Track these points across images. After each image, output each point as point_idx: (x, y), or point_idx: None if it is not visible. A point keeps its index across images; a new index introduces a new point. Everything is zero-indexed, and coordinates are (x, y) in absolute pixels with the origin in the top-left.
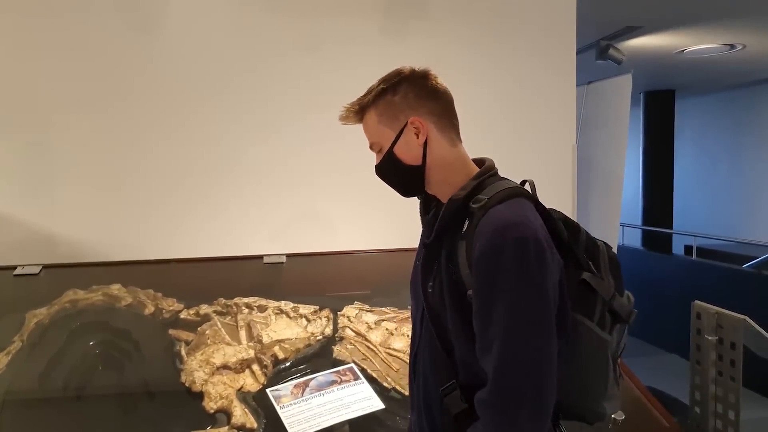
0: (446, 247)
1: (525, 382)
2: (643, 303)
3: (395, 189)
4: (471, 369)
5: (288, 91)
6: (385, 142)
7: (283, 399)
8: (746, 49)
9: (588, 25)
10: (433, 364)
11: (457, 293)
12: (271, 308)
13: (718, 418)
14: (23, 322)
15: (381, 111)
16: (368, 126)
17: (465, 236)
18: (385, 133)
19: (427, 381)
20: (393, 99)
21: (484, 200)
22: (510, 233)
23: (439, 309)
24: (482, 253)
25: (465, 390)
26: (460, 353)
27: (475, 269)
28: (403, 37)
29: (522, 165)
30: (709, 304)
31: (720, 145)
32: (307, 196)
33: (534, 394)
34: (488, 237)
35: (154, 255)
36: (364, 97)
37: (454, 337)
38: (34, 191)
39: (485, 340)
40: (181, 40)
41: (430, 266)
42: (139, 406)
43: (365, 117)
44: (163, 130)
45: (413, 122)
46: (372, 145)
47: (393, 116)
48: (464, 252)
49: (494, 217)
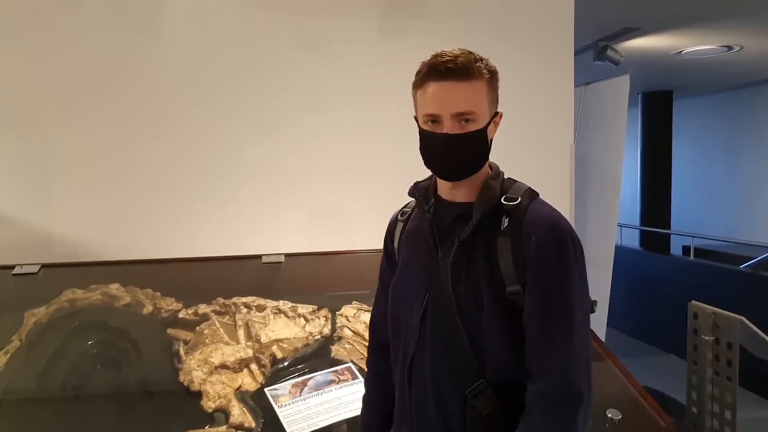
0: (481, 244)
1: (586, 375)
2: (640, 303)
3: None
4: (501, 365)
5: (287, 90)
6: (482, 117)
7: (282, 398)
8: (744, 50)
9: (586, 25)
10: (453, 368)
11: (495, 289)
12: (269, 308)
13: (715, 418)
14: (22, 321)
15: (491, 89)
16: (473, 91)
17: (506, 233)
18: (487, 110)
19: (439, 388)
20: (497, 85)
21: (518, 199)
22: (562, 229)
23: (471, 308)
24: (542, 249)
25: (494, 388)
26: (494, 351)
27: (535, 265)
28: (402, 37)
29: (520, 165)
30: (705, 304)
31: (718, 146)
32: (305, 196)
33: (589, 387)
34: (546, 233)
35: (153, 254)
36: (475, 61)
37: (490, 335)
38: (33, 191)
39: (547, 334)
40: (180, 39)
41: (459, 265)
42: (137, 405)
43: (473, 81)
44: (162, 129)
45: (500, 116)
46: (465, 113)
47: (495, 99)
48: (508, 249)
49: (540, 214)
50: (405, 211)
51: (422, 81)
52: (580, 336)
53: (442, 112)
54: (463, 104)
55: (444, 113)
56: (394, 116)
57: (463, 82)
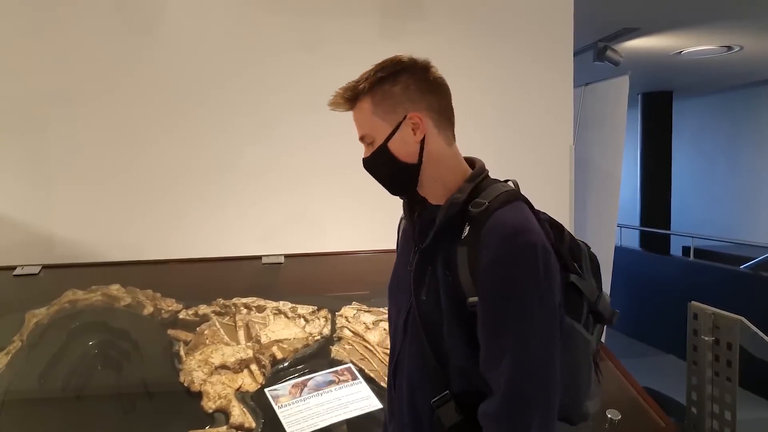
0: (443, 252)
1: (536, 393)
2: (640, 304)
3: (383, 185)
4: (466, 377)
5: (286, 90)
6: (378, 135)
7: (282, 399)
8: (744, 50)
9: (585, 26)
10: (423, 375)
11: (455, 300)
12: (269, 308)
13: (715, 419)
14: (23, 322)
15: (377, 101)
16: (361, 115)
17: (466, 242)
18: (380, 125)
19: (414, 393)
20: (392, 89)
21: (485, 204)
22: (519, 240)
23: (433, 317)
24: (492, 261)
25: (459, 400)
26: (456, 361)
27: (484, 277)
28: (401, 38)
29: (519, 166)
30: (705, 305)
31: (717, 146)
32: (305, 197)
33: (544, 405)
34: (497, 244)
35: (153, 255)
36: (358, 82)
37: (451, 345)
38: (34, 192)
39: (493, 350)
40: (179, 39)
41: (423, 272)
42: (137, 405)
43: (358, 105)
44: (162, 130)
45: (412, 117)
46: (363, 136)
47: (390, 108)
48: (465, 258)
49: (500, 222)
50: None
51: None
52: (530, 352)
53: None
54: (359, 128)
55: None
56: None
57: (352, 109)
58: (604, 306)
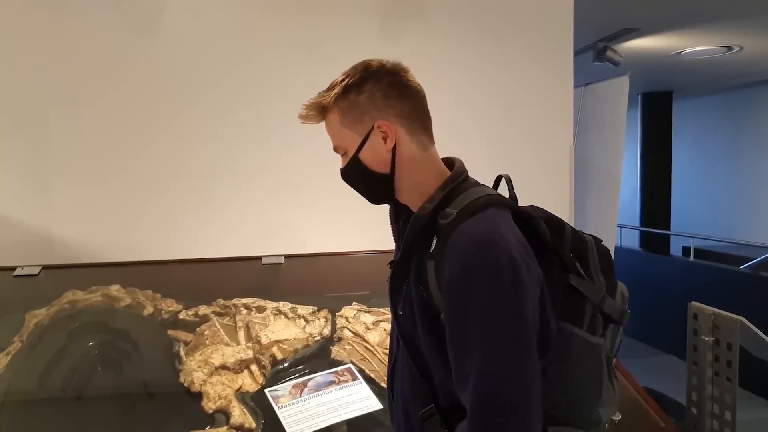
0: (414, 266)
1: (507, 414)
2: (640, 304)
3: (363, 196)
4: (450, 394)
5: (286, 90)
6: (349, 146)
7: (282, 399)
8: (743, 50)
9: (585, 26)
10: (412, 387)
11: (429, 316)
12: (269, 309)
13: (715, 419)
14: (23, 322)
15: (344, 112)
16: (330, 127)
17: (433, 256)
18: (349, 136)
19: (406, 402)
20: (357, 99)
21: (453, 215)
22: (480, 255)
23: (412, 333)
24: (452, 279)
25: (444, 415)
26: (437, 378)
27: (445, 295)
28: (401, 38)
29: (519, 166)
30: (705, 305)
31: (717, 146)
32: (305, 197)
33: (518, 425)
34: (456, 260)
35: (153, 256)
36: (325, 93)
37: (430, 360)
38: (34, 192)
39: (461, 372)
40: (179, 40)
41: (399, 287)
42: (138, 406)
43: (327, 117)
44: (162, 131)
45: (380, 126)
46: (336, 148)
47: (357, 119)
48: (433, 273)
49: (463, 235)
50: None
51: None
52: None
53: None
54: (332, 139)
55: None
56: None
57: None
58: (612, 307)
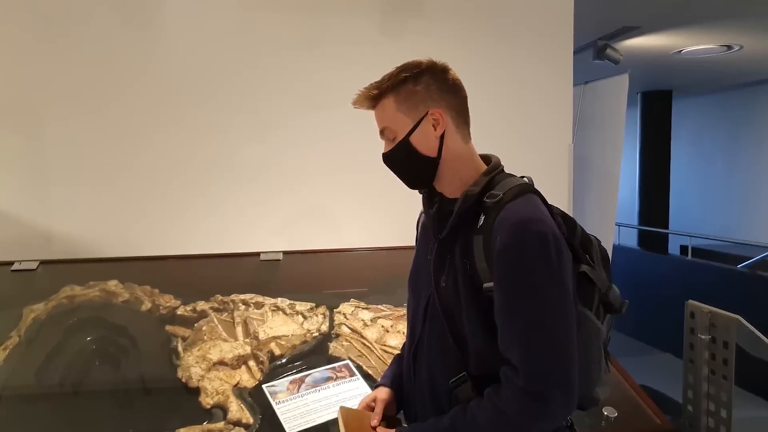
0: (461, 241)
1: (555, 371)
2: (638, 302)
3: (402, 179)
4: (484, 361)
5: (286, 88)
6: (400, 129)
7: (279, 395)
8: (743, 50)
9: (585, 24)
10: (443, 358)
11: (472, 287)
12: (267, 305)
13: (711, 417)
14: (20, 317)
15: (402, 99)
16: (384, 111)
17: (481, 231)
18: (402, 120)
19: (433, 375)
20: (414, 88)
21: (499, 196)
22: (531, 228)
23: (452, 303)
24: (504, 247)
25: (476, 381)
26: (474, 345)
27: (498, 263)
28: (401, 36)
29: (518, 164)
30: (702, 304)
31: (716, 145)
32: (304, 194)
33: (563, 383)
34: (510, 232)
35: (152, 251)
36: (382, 82)
37: (469, 329)
38: (32, 187)
39: (511, 332)
40: (178, 37)
41: (442, 261)
42: (135, 401)
43: (381, 102)
44: (161, 126)
45: (433, 114)
46: (384, 130)
47: (413, 105)
48: (481, 246)
49: (513, 212)
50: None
51: None
52: (551, 340)
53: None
54: (380, 123)
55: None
56: None
57: (374, 108)
58: (615, 296)
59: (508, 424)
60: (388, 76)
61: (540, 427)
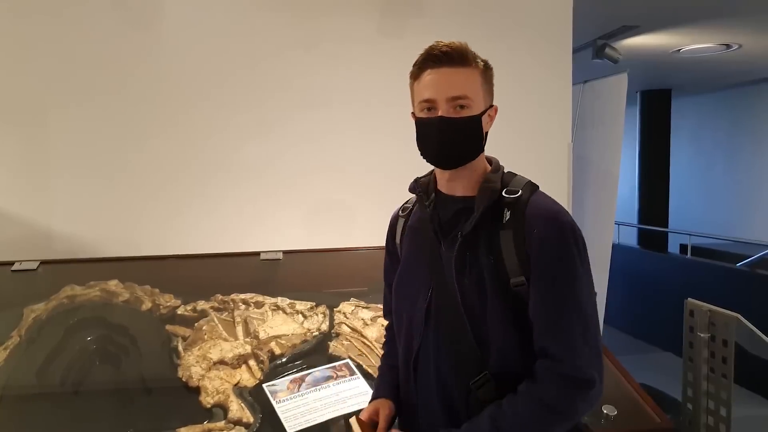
0: (484, 238)
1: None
2: (637, 301)
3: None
4: (506, 358)
5: (286, 88)
6: (476, 104)
7: (280, 394)
8: (742, 48)
9: (585, 23)
10: (458, 360)
11: (499, 282)
12: (267, 304)
13: (710, 415)
14: (21, 317)
15: (487, 79)
16: (466, 80)
17: (509, 226)
18: (482, 98)
19: (444, 378)
20: (492, 80)
21: (518, 191)
22: (566, 220)
23: (474, 300)
24: (546, 240)
25: (497, 380)
26: (497, 343)
27: (540, 256)
28: (400, 36)
29: (518, 163)
30: (702, 302)
31: (716, 144)
32: (303, 193)
33: (601, 368)
34: (549, 225)
35: (152, 251)
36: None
37: (494, 327)
38: (32, 188)
39: (554, 322)
40: (178, 36)
41: (463, 258)
42: (136, 400)
43: (466, 69)
44: (161, 126)
45: (495, 109)
46: (459, 98)
47: (489, 91)
48: (511, 241)
49: (542, 207)
50: (406, 207)
51: (419, 70)
52: (590, 326)
53: (437, 96)
54: (457, 88)
55: (439, 98)
56: (392, 114)
57: (458, 68)
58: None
59: (554, 413)
60: (473, 54)
61: (583, 412)
